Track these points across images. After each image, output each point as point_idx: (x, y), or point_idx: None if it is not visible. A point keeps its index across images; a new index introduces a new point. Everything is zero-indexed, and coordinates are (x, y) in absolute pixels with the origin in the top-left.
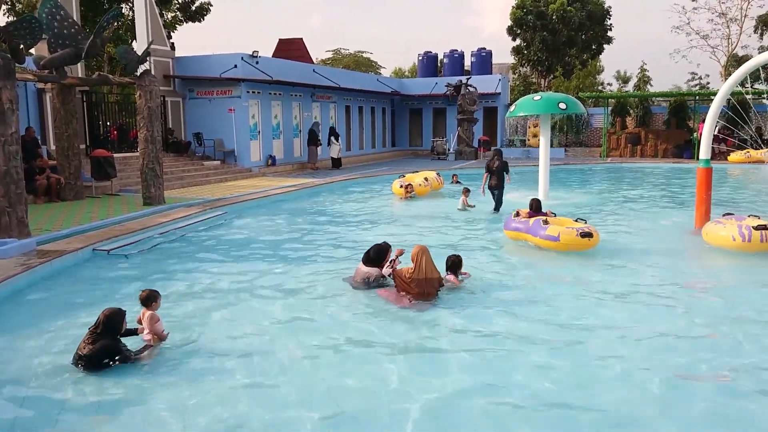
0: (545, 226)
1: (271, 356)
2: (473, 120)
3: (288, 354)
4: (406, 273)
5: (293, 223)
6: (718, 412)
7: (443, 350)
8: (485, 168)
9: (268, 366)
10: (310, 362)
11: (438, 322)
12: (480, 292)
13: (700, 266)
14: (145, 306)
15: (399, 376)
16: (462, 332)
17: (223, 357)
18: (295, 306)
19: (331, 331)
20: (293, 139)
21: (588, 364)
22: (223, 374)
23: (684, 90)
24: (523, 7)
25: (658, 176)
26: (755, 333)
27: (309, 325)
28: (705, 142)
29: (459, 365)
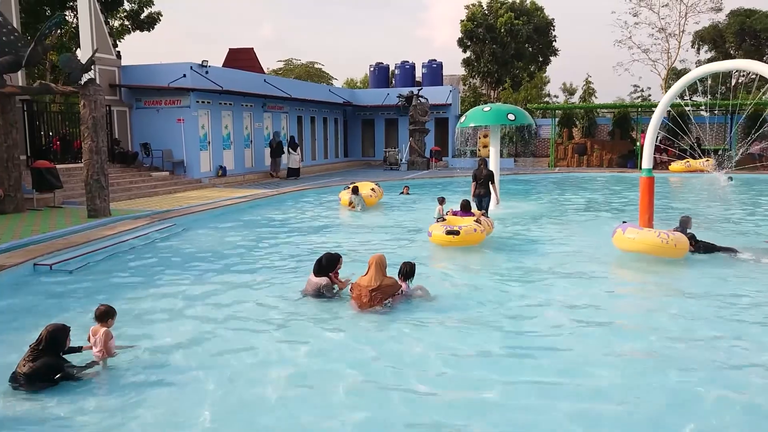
0: (440, 224)
1: (222, 371)
2: (425, 130)
3: (240, 369)
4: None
5: (244, 234)
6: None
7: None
8: (472, 177)
9: (219, 382)
10: (262, 375)
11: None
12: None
13: (634, 272)
14: (100, 321)
15: (351, 385)
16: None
17: (171, 374)
18: (247, 318)
19: (284, 343)
20: (244, 150)
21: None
22: (172, 391)
23: (627, 102)
24: (473, 19)
25: (603, 185)
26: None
27: (262, 338)
28: (647, 152)
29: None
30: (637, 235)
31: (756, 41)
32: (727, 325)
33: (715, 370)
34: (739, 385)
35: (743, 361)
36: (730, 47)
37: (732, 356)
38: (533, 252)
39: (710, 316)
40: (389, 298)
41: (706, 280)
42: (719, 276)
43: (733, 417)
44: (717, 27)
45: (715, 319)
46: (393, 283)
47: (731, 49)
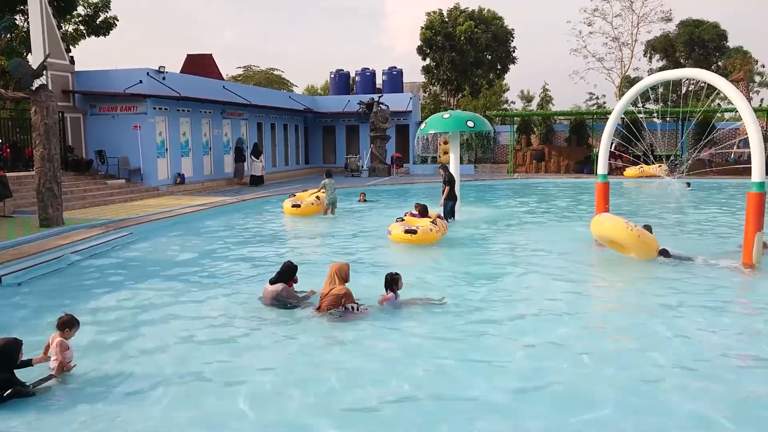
0: (399, 224)
1: (182, 383)
2: (386, 137)
3: (200, 379)
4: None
5: (203, 242)
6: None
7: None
8: (446, 182)
9: (177, 394)
10: (223, 385)
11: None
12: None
13: (597, 274)
14: (59, 330)
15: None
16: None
17: (128, 386)
18: (205, 327)
19: (244, 351)
20: (203, 157)
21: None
22: (129, 405)
23: (583, 109)
24: (432, 27)
25: (561, 191)
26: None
27: (220, 347)
28: (602, 158)
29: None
30: (609, 221)
31: (704, 50)
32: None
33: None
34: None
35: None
36: (680, 56)
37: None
38: (493, 255)
39: (657, 312)
40: (337, 307)
41: (659, 281)
42: (669, 277)
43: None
44: (668, 37)
45: (653, 313)
46: (342, 293)
47: (681, 58)
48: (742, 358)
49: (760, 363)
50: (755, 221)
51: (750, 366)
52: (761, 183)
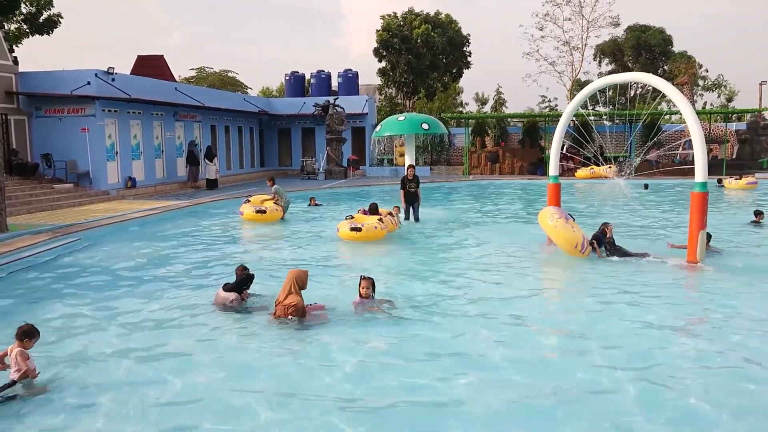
0: (347, 222)
1: (132, 394)
2: (342, 140)
3: (155, 387)
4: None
5: (154, 247)
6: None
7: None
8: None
9: (128, 405)
10: (180, 389)
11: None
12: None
13: (548, 274)
14: (19, 340)
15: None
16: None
17: (76, 397)
18: (157, 334)
19: (200, 357)
20: (155, 160)
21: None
22: (78, 416)
23: (536, 111)
24: (388, 30)
25: (515, 192)
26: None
27: (170, 352)
28: (553, 160)
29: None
30: (552, 218)
31: (651, 55)
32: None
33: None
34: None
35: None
36: (628, 60)
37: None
38: (447, 256)
39: (612, 308)
40: (286, 316)
41: (612, 278)
42: (616, 275)
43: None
44: (616, 41)
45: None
46: (293, 302)
47: (629, 62)
48: (684, 348)
49: (701, 353)
50: (698, 220)
51: (692, 356)
52: (703, 183)
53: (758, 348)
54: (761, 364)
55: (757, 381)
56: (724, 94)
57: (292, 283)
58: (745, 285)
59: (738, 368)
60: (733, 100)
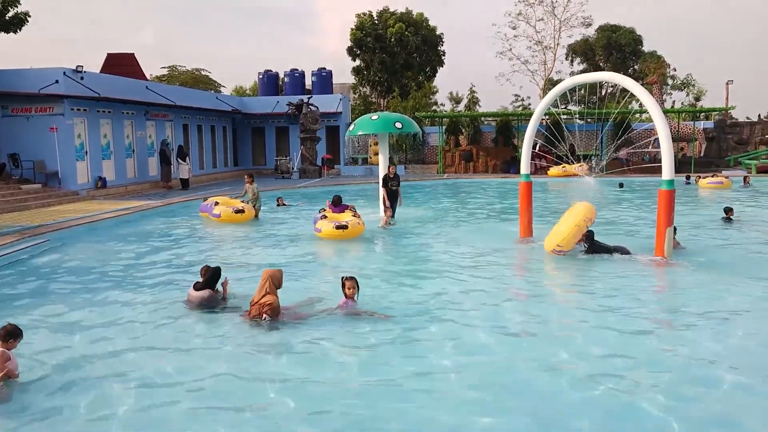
0: (319, 218)
1: (109, 392)
2: (316, 139)
3: (128, 389)
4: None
5: (126, 248)
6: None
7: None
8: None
9: (100, 408)
10: (158, 391)
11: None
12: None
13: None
14: (3, 341)
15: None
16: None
17: (46, 400)
18: (131, 335)
19: (170, 357)
20: (126, 160)
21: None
22: (50, 419)
23: (509, 110)
24: (362, 28)
25: (488, 190)
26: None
27: (143, 355)
28: (524, 159)
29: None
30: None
31: (621, 54)
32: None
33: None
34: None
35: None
36: (599, 60)
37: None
38: (422, 254)
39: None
40: (260, 316)
41: (593, 273)
42: (589, 271)
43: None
44: (587, 41)
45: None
46: (269, 301)
47: (600, 62)
48: (659, 341)
49: (672, 346)
50: (666, 217)
51: (665, 350)
52: (671, 181)
53: (708, 345)
54: (706, 359)
55: (703, 378)
56: (693, 93)
57: (268, 283)
58: (708, 280)
59: (686, 360)
60: (701, 99)
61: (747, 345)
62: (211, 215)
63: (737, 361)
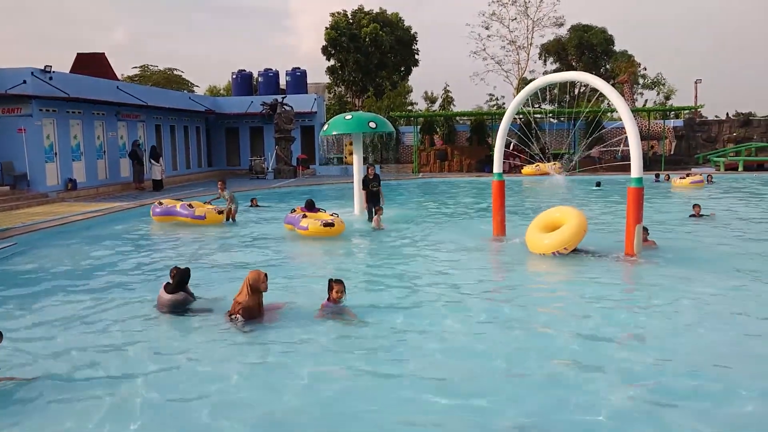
0: (299, 218)
1: (74, 401)
2: (290, 139)
3: (99, 390)
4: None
5: (97, 251)
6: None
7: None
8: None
9: (73, 412)
10: (120, 399)
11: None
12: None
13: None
14: None
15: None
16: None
17: (32, 400)
18: (100, 339)
19: (142, 360)
20: (97, 161)
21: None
22: (25, 422)
23: (484, 110)
24: (336, 28)
25: (463, 189)
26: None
27: (115, 359)
28: (497, 158)
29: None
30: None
31: (593, 54)
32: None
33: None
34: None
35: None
36: (572, 59)
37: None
38: (398, 253)
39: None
40: (237, 314)
41: (556, 270)
42: (561, 268)
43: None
44: (560, 41)
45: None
46: (241, 301)
47: (573, 61)
48: (625, 337)
49: (640, 341)
50: (635, 214)
51: (633, 345)
52: (639, 178)
53: (667, 339)
54: (663, 355)
55: (661, 373)
56: (663, 92)
57: (246, 284)
58: (676, 277)
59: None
60: (671, 98)
61: (706, 340)
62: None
63: (694, 355)
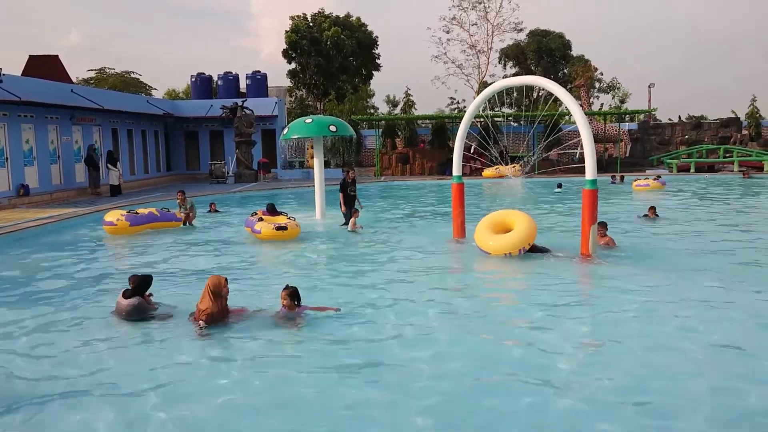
0: (255, 221)
1: (37, 402)
2: (251, 142)
3: (55, 400)
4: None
5: (52, 258)
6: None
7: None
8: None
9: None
10: (79, 408)
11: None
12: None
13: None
14: None
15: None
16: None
17: None
18: (55, 349)
19: (98, 367)
20: (51, 166)
21: None
22: None
23: (446, 113)
24: (297, 31)
25: (425, 192)
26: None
27: (70, 370)
28: (456, 161)
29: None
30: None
31: (551, 59)
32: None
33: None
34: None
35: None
36: (531, 64)
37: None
38: (361, 256)
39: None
40: (200, 320)
41: (507, 273)
42: (518, 268)
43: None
44: (519, 45)
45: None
46: (203, 308)
47: (532, 66)
48: (585, 339)
49: (588, 344)
50: (590, 215)
51: (593, 344)
52: (593, 180)
53: (616, 334)
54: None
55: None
56: (618, 96)
57: (207, 289)
58: (628, 276)
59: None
60: (626, 101)
61: (650, 341)
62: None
63: (638, 356)
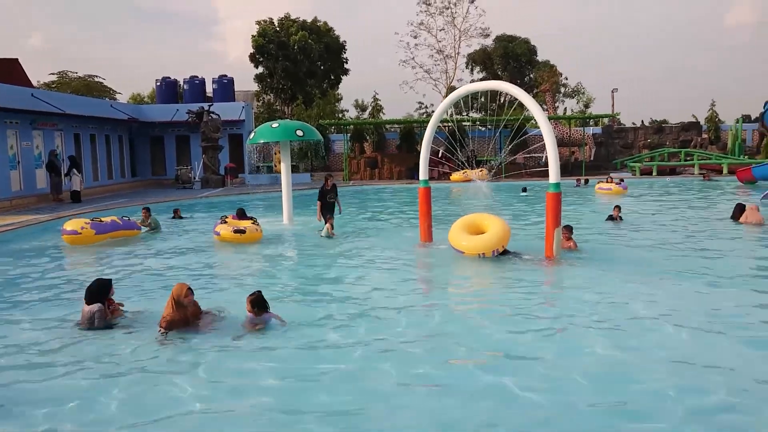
0: (220, 224)
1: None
2: (218, 147)
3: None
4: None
5: (10, 267)
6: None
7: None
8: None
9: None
10: (44, 412)
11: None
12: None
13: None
14: None
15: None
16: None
17: None
18: (17, 359)
19: (62, 378)
20: (10, 172)
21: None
22: None
23: (414, 117)
24: (264, 35)
25: (393, 196)
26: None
27: (35, 376)
28: (422, 165)
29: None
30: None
31: (518, 64)
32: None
33: None
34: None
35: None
36: (497, 69)
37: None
38: (329, 261)
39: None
40: (160, 328)
41: (474, 275)
42: (484, 270)
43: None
44: (486, 51)
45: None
46: (165, 315)
47: (499, 70)
48: (550, 335)
49: (570, 336)
50: (553, 218)
51: (561, 339)
52: (557, 184)
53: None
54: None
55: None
56: (583, 100)
57: (170, 297)
58: (588, 277)
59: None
60: (591, 106)
61: (610, 341)
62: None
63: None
